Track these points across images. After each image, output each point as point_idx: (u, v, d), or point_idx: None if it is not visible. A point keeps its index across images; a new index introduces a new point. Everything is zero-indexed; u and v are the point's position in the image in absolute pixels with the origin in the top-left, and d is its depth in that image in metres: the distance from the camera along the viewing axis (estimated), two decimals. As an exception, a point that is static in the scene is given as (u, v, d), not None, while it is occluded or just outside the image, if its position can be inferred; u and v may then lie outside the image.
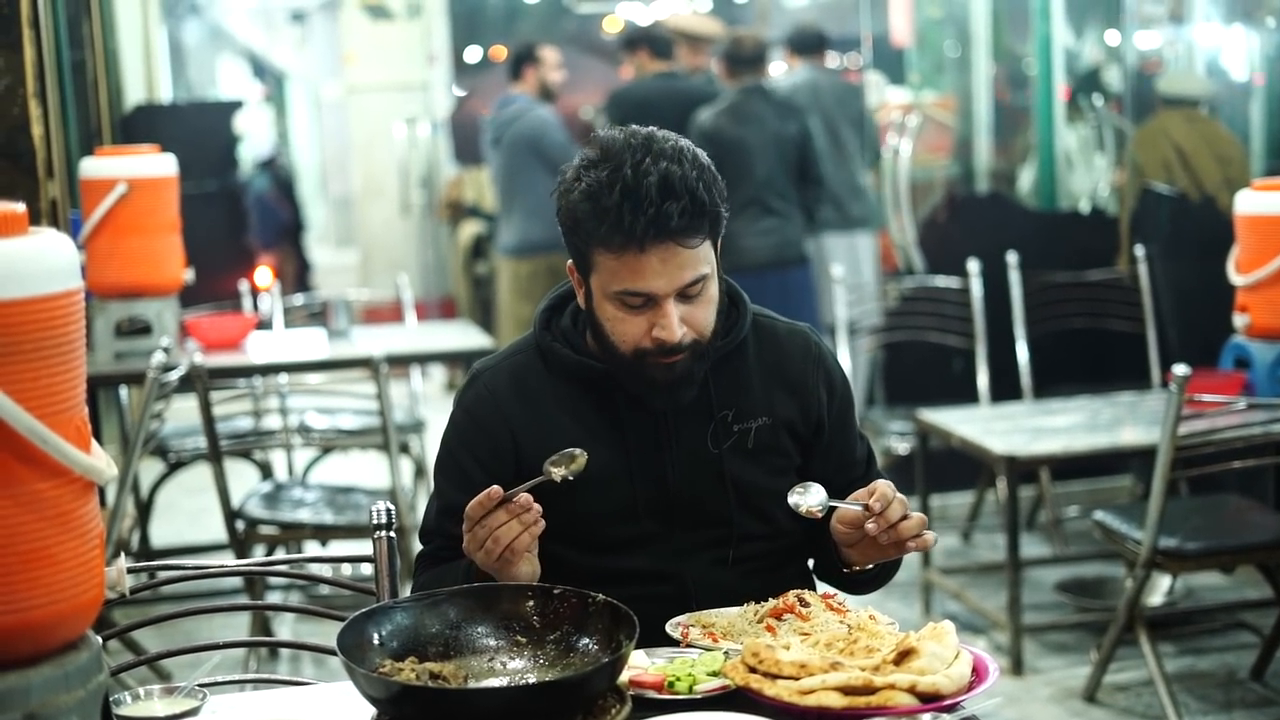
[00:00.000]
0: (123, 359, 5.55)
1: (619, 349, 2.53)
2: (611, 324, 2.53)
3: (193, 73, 17.77)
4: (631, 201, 2.42)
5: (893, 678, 2.06)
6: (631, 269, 2.46)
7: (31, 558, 1.74)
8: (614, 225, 2.43)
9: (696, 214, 2.45)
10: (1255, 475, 5.51)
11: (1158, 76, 7.63)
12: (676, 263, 2.46)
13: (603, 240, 2.46)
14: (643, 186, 2.42)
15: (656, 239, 2.43)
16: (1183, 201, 6.77)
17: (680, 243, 2.45)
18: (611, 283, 2.49)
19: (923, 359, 6.93)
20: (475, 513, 2.38)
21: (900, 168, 7.86)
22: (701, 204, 2.45)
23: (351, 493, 5.61)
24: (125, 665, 2.65)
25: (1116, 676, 5.09)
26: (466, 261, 10.62)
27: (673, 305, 2.48)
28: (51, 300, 1.76)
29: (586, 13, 13.13)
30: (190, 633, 5.39)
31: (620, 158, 2.46)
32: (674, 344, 2.48)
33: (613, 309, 2.52)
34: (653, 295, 2.47)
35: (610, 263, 2.48)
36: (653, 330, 2.49)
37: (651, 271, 2.45)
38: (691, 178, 2.45)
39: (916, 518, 2.46)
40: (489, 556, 2.38)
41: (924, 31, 9.15)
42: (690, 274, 2.48)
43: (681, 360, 2.52)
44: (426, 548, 2.68)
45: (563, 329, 2.67)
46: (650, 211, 2.41)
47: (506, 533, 2.37)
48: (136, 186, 5.52)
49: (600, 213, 2.44)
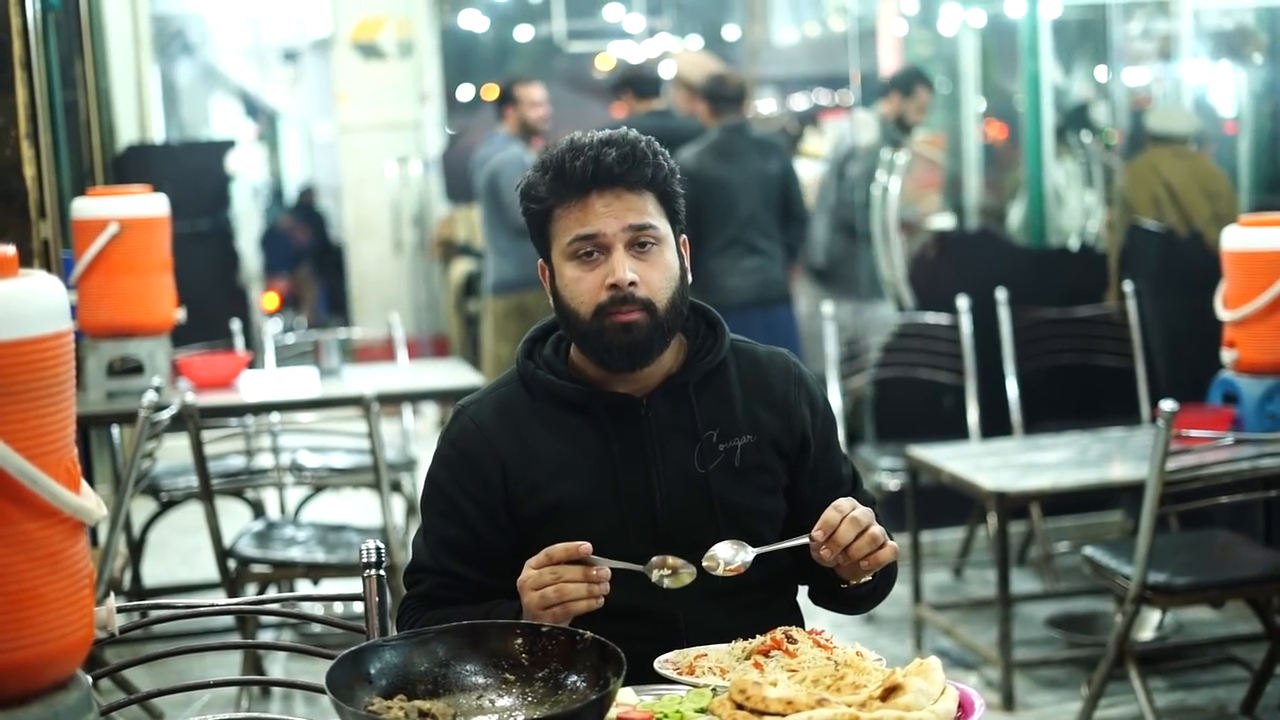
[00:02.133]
0: (114, 398, 5.56)
1: (579, 313, 2.60)
2: (570, 287, 2.61)
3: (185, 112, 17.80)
4: (573, 150, 2.60)
5: (878, 714, 2.06)
6: (579, 215, 2.59)
7: (21, 598, 1.75)
8: (558, 174, 2.60)
9: (636, 161, 2.59)
10: (1244, 510, 5.52)
11: (1146, 113, 7.67)
12: (622, 205, 2.58)
13: (553, 193, 2.61)
14: (585, 139, 2.62)
15: (596, 180, 2.57)
16: (1171, 237, 6.80)
17: (623, 185, 2.59)
18: (565, 236, 2.61)
19: (913, 395, 6.94)
20: (557, 555, 2.41)
21: (890, 205, 7.89)
22: (642, 155, 2.60)
23: (343, 531, 5.61)
24: (117, 704, 2.65)
25: (1107, 712, 5.09)
26: (458, 300, 10.64)
27: (622, 251, 2.58)
28: (42, 342, 1.77)
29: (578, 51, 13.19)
30: (182, 672, 5.37)
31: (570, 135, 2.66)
32: (625, 288, 2.55)
33: (570, 270, 2.61)
34: (601, 237, 2.58)
35: (564, 218, 2.61)
36: (605, 279, 2.57)
37: (596, 214, 2.58)
38: (633, 138, 2.62)
39: (868, 535, 2.49)
40: (541, 601, 2.40)
41: (913, 69, 9.18)
42: (634, 217, 2.59)
43: (638, 320, 2.57)
44: (418, 587, 2.67)
45: (545, 358, 2.71)
46: (590, 154, 2.58)
47: (573, 591, 2.39)
48: (128, 226, 5.54)
49: (547, 168, 2.62)
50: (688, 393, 2.67)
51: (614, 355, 2.59)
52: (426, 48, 12.04)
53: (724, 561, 2.51)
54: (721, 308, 2.84)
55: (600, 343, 2.59)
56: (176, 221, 5.97)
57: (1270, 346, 5.00)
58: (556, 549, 2.42)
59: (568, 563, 2.41)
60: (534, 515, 2.61)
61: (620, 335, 2.57)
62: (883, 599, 2.78)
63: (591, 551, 2.41)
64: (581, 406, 2.65)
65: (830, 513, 2.49)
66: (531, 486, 2.62)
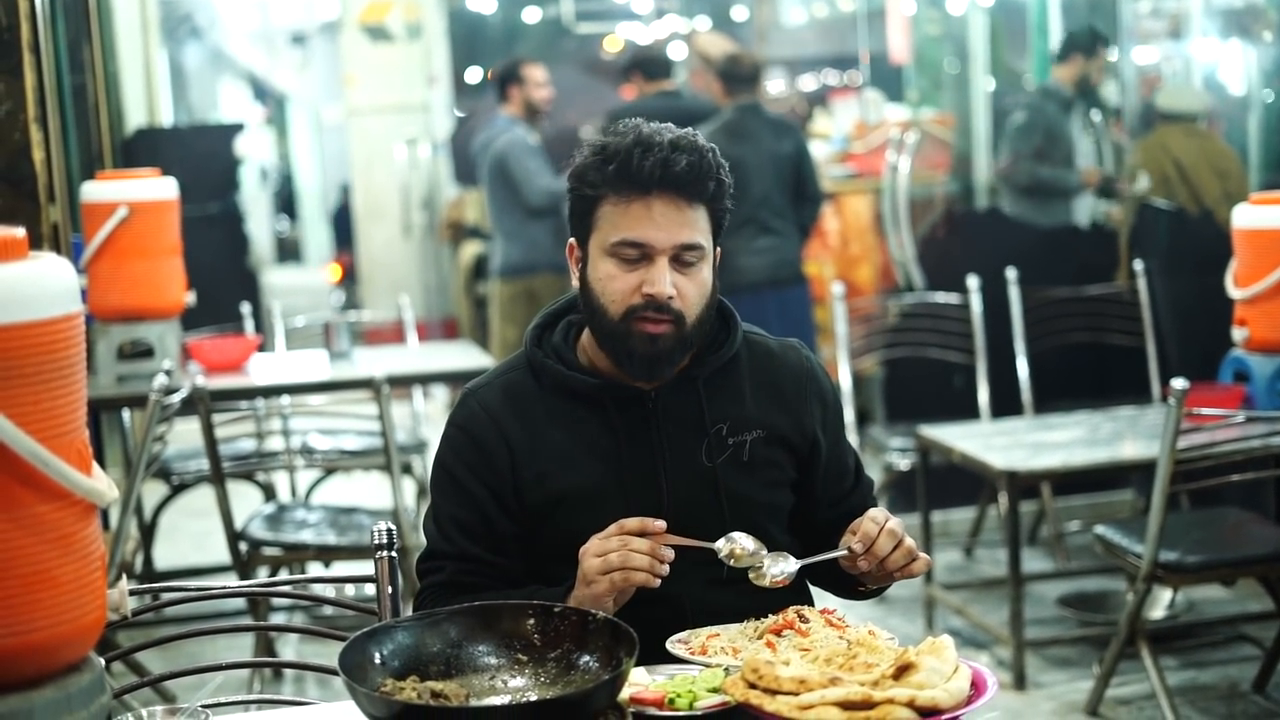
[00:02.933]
0: (125, 382, 5.56)
1: (609, 310, 2.57)
2: (604, 283, 2.57)
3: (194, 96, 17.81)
4: (643, 146, 2.52)
5: (891, 692, 2.06)
6: (635, 217, 2.53)
7: (33, 580, 1.75)
8: (622, 167, 2.53)
9: (703, 173, 2.54)
10: (1255, 488, 5.51)
11: (1156, 91, 7.65)
12: (678, 219, 2.53)
13: (610, 184, 2.54)
14: (655, 137, 2.54)
15: (662, 186, 2.52)
16: (1181, 216, 6.78)
17: (685, 196, 2.53)
18: (612, 233, 2.55)
19: (923, 375, 6.93)
20: (630, 526, 2.42)
21: (899, 185, 7.87)
22: (709, 167, 2.55)
23: (354, 513, 5.62)
24: (129, 687, 2.65)
25: (1119, 690, 5.09)
26: (468, 282, 10.63)
27: (666, 263, 2.54)
28: (52, 324, 1.77)
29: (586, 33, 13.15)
30: (194, 654, 5.38)
31: (639, 126, 2.58)
32: (663, 301, 2.52)
33: (608, 266, 2.57)
34: (650, 247, 2.53)
35: (614, 213, 2.55)
36: (643, 286, 2.53)
37: (653, 222, 2.52)
38: (703, 148, 2.56)
39: (904, 548, 2.49)
40: (604, 566, 2.40)
41: (922, 49, 9.16)
42: (688, 235, 2.54)
43: (666, 333, 2.55)
44: (437, 576, 2.65)
45: (554, 345, 2.69)
46: (660, 155, 2.51)
47: (637, 560, 2.39)
48: (137, 210, 5.54)
49: (610, 158, 2.54)
50: (697, 386, 2.66)
51: (635, 362, 2.58)
52: (434, 30, 12.02)
53: (771, 576, 2.50)
54: (735, 287, 2.83)
55: (624, 346, 2.57)
56: (185, 205, 5.97)
57: (1281, 325, 4.99)
58: (629, 521, 2.42)
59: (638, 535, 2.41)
60: (541, 504, 2.60)
61: (646, 344, 2.55)
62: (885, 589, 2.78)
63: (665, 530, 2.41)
64: (590, 397, 2.64)
65: (868, 524, 2.49)
66: (539, 475, 2.61)
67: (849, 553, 2.49)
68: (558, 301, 2.77)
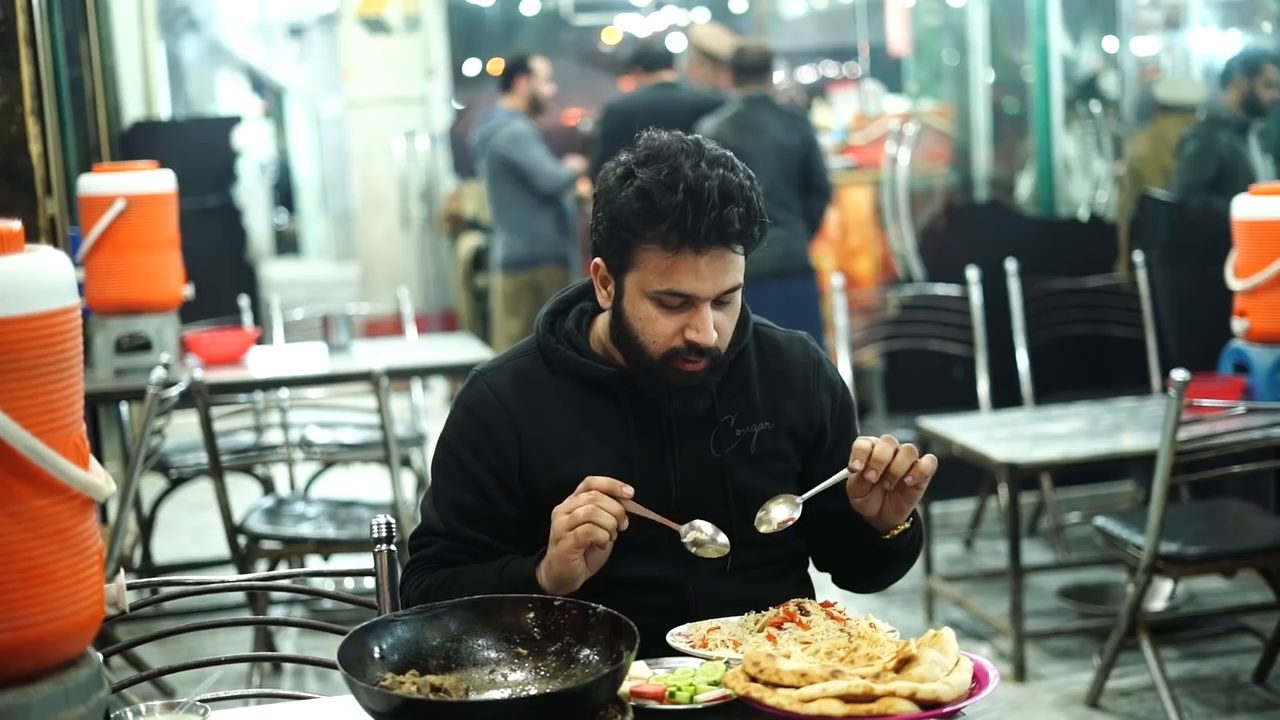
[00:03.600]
0: (123, 375, 5.55)
1: (648, 349, 2.55)
2: (644, 323, 2.54)
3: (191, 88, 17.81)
4: (695, 202, 2.44)
5: (893, 685, 2.06)
6: (681, 269, 2.48)
7: (30, 575, 1.75)
8: (675, 224, 2.45)
9: (751, 222, 2.50)
10: (1256, 480, 5.51)
11: (1155, 83, 7.64)
12: (723, 267, 2.50)
13: (660, 238, 2.47)
14: (704, 189, 2.45)
15: (715, 242, 2.47)
16: (1181, 207, 6.77)
17: (733, 248, 2.50)
18: (655, 281, 2.50)
19: (923, 367, 6.93)
20: (599, 484, 2.40)
21: (899, 176, 7.87)
22: (756, 213, 2.50)
23: (353, 507, 5.61)
24: (128, 681, 2.65)
25: (1119, 682, 5.09)
26: (467, 274, 10.62)
27: (709, 309, 2.51)
28: (48, 317, 1.76)
29: (585, 25, 13.15)
30: (193, 648, 5.39)
31: (676, 159, 2.48)
32: (707, 347, 2.51)
33: (648, 307, 2.53)
34: (695, 297, 2.50)
35: (659, 261, 2.49)
36: (686, 332, 2.51)
37: (699, 274, 2.48)
38: (747, 186, 2.50)
39: (904, 450, 2.49)
40: (570, 521, 2.38)
41: (921, 40, 9.16)
42: (731, 281, 2.52)
43: (703, 367, 2.54)
44: (427, 550, 2.65)
45: (566, 332, 2.67)
46: (713, 214, 2.44)
47: (604, 519, 2.38)
48: (135, 203, 5.53)
49: (659, 212, 2.46)
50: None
51: (671, 397, 2.58)
52: (433, 22, 12.01)
53: (778, 520, 2.51)
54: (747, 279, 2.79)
55: (658, 379, 2.56)
56: (183, 198, 5.96)
57: (1281, 316, 4.99)
58: (598, 480, 2.41)
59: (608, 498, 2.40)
60: (546, 490, 2.59)
61: (682, 379, 2.55)
62: (914, 560, 2.74)
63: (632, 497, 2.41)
64: (601, 385, 2.63)
65: (860, 441, 2.48)
66: (546, 461, 2.60)
67: (851, 471, 2.48)
68: (569, 288, 2.76)
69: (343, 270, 17.15)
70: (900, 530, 2.61)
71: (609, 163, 2.59)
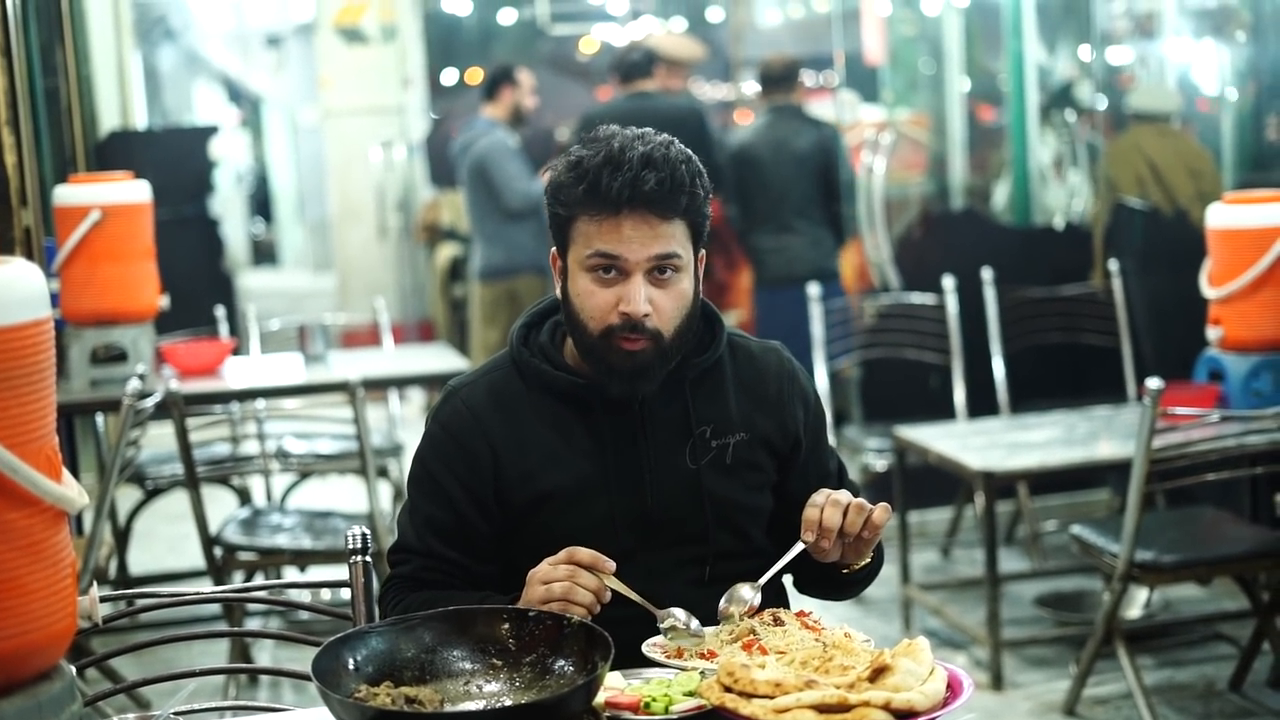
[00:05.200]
0: (98, 386, 5.54)
1: (587, 326, 2.56)
2: (582, 299, 2.56)
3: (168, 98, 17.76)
4: (613, 165, 2.50)
5: (867, 695, 2.06)
6: (606, 231, 2.52)
7: (2, 588, 1.74)
8: (592, 187, 2.51)
9: (674, 188, 2.52)
10: (1230, 487, 5.53)
11: (1129, 91, 7.66)
12: (650, 232, 2.52)
13: (581, 203, 2.53)
14: (626, 155, 2.51)
15: (630, 203, 2.50)
16: (1156, 216, 6.80)
17: (655, 212, 2.51)
18: (586, 246, 2.54)
19: (899, 376, 6.94)
20: (581, 558, 2.39)
21: (875, 185, 7.88)
22: (680, 182, 2.52)
23: (330, 517, 5.60)
24: (103, 694, 2.64)
25: (1096, 690, 5.10)
26: (444, 284, 10.61)
27: (640, 279, 2.52)
28: (21, 330, 1.76)
29: (562, 34, 13.15)
30: (169, 660, 5.37)
31: (613, 138, 2.56)
32: (638, 319, 2.51)
33: (585, 281, 2.56)
34: (623, 261, 2.52)
35: (587, 227, 2.54)
36: (620, 304, 2.52)
37: (624, 236, 2.51)
38: (675, 159, 2.53)
39: (853, 510, 2.49)
40: (546, 595, 2.38)
41: (897, 49, 9.17)
42: (661, 247, 2.52)
43: (644, 349, 2.54)
44: (403, 568, 2.65)
45: (540, 345, 2.68)
46: (629, 174, 2.49)
47: (581, 596, 2.37)
48: (111, 213, 5.52)
49: (581, 176, 2.53)
50: (683, 388, 2.66)
51: (615, 377, 2.57)
52: (410, 32, 12.00)
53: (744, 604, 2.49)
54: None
55: (603, 361, 2.57)
56: (159, 208, 5.95)
57: (1255, 323, 5.01)
58: (582, 554, 2.40)
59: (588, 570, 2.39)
60: (523, 503, 2.60)
61: (624, 359, 2.55)
62: (872, 581, 2.77)
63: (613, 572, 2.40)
64: (576, 398, 2.63)
65: (809, 511, 2.50)
66: (522, 475, 2.60)
67: (806, 546, 2.50)
68: (543, 301, 2.77)
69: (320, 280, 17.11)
70: (860, 565, 2.63)
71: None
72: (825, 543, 2.49)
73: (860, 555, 2.59)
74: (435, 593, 2.60)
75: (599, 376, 2.59)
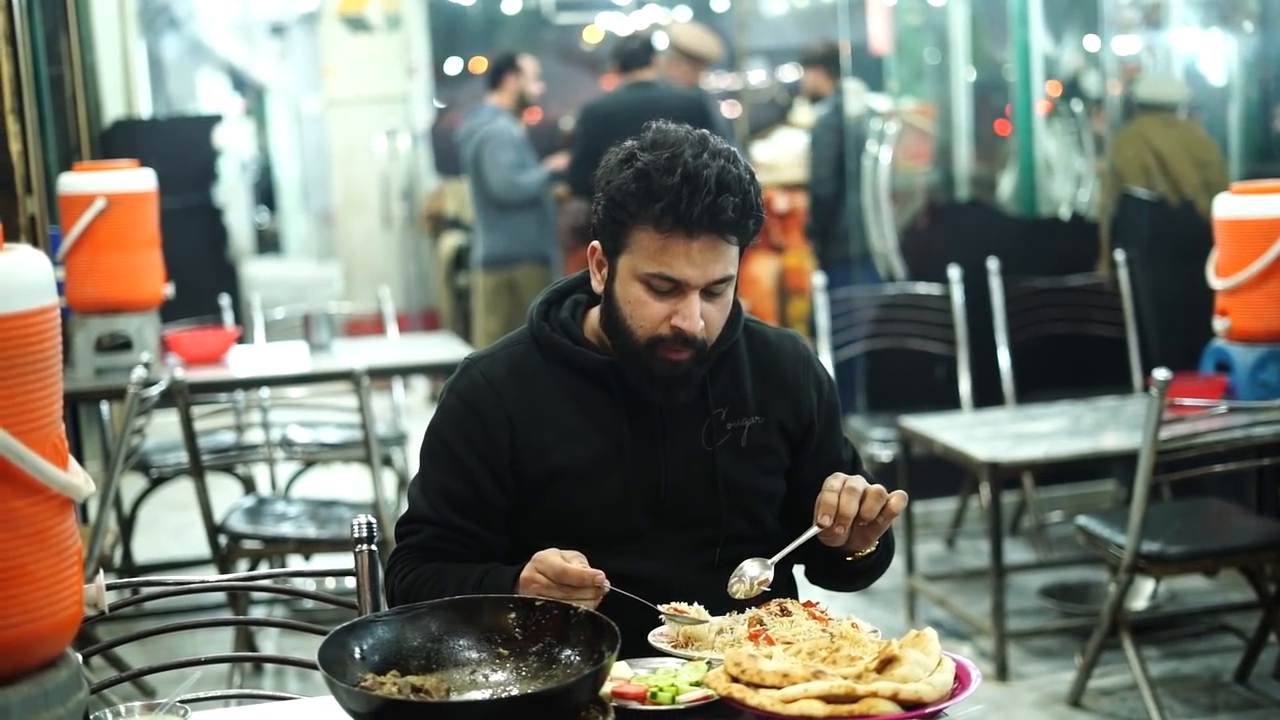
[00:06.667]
0: (103, 375, 5.53)
1: (634, 333, 2.56)
2: (632, 306, 2.55)
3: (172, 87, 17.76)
4: (691, 185, 2.47)
5: (875, 686, 2.05)
6: (672, 253, 2.50)
7: (8, 576, 1.74)
8: (669, 205, 2.47)
9: (746, 213, 2.51)
10: (1237, 479, 5.52)
11: (1136, 82, 7.64)
12: (714, 255, 2.51)
13: (654, 219, 2.49)
14: (702, 175, 2.47)
15: (708, 228, 2.48)
16: (1162, 206, 6.78)
17: (725, 237, 2.50)
18: (646, 264, 2.52)
19: (905, 366, 6.93)
20: (571, 579, 2.36)
21: (880, 175, 7.86)
22: (751, 205, 2.52)
23: (334, 506, 5.60)
24: (108, 682, 2.64)
25: (1101, 681, 5.09)
26: (448, 273, 10.61)
27: (697, 297, 2.52)
28: (27, 317, 1.75)
29: (566, 23, 13.13)
30: (174, 649, 5.37)
31: (678, 147, 2.52)
32: (692, 336, 2.51)
33: (638, 291, 2.54)
34: (683, 283, 2.51)
35: (652, 243, 2.51)
36: (673, 318, 2.52)
37: (691, 259, 2.50)
38: (745, 180, 2.52)
39: (871, 495, 2.49)
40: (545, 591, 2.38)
41: (903, 39, 9.15)
42: (721, 270, 2.52)
43: (688, 358, 2.55)
44: (413, 538, 2.64)
45: (561, 321, 2.68)
46: (708, 199, 2.46)
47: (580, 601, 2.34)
48: (115, 202, 5.50)
49: (654, 192, 2.49)
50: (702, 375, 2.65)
51: (654, 385, 2.57)
52: (414, 21, 11.99)
53: (751, 579, 2.49)
54: None
55: (644, 368, 2.56)
56: (164, 197, 5.93)
57: (1262, 314, 5.00)
58: (571, 574, 2.37)
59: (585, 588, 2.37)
60: (537, 478, 2.60)
61: (666, 368, 2.55)
62: (883, 571, 2.76)
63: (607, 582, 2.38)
64: (595, 374, 2.63)
65: (826, 495, 2.50)
66: (538, 449, 2.60)
67: (820, 529, 2.49)
68: (565, 279, 2.78)
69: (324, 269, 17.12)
70: (865, 553, 2.62)
71: (613, 149, 2.60)
72: (840, 529, 2.48)
73: (867, 541, 2.58)
74: (438, 566, 2.59)
75: (636, 381, 2.59)
